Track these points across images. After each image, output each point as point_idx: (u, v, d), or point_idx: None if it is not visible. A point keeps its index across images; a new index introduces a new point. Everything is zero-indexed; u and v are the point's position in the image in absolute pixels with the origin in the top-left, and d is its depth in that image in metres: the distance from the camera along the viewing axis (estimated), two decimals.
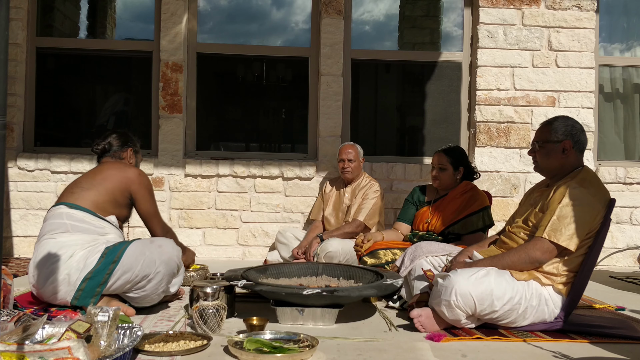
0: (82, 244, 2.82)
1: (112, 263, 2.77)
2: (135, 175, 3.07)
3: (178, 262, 2.95)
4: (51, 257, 2.77)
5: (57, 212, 2.93)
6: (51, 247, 2.81)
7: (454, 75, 5.27)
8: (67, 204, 2.94)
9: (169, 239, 2.99)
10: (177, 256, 2.94)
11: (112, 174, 3.06)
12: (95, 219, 2.93)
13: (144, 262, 2.79)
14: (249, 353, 2.21)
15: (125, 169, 3.09)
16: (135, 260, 2.78)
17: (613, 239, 5.07)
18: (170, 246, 2.93)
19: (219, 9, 5.45)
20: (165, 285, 2.90)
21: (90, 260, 2.77)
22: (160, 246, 2.88)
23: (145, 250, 2.82)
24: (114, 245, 2.83)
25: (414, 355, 2.37)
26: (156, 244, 2.89)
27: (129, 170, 3.09)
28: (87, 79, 5.46)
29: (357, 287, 2.94)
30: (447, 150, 3.83)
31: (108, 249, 2.81)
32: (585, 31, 5.06)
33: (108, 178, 3.04)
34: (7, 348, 1.86)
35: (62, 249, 2.80)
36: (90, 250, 2.81)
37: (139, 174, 3.09)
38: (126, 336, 2.21)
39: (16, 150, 4.87)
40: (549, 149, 2.80)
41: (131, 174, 3.07)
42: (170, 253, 2.89)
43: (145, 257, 2.80)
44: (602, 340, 2.59)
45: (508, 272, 2.69)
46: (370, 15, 5.55)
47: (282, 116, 5.75)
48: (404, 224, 3.91)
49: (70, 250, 2.79)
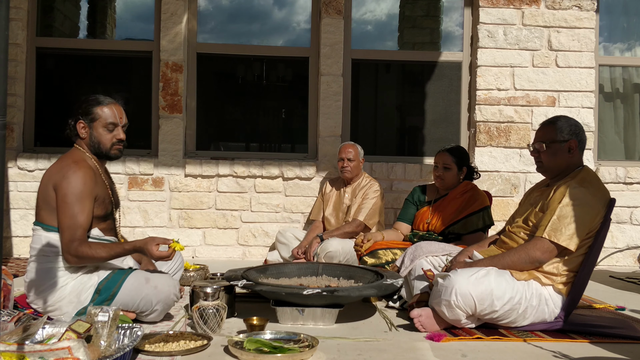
0: (70, 271, 2.62)
1: (107, 300, 2.60)
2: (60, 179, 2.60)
3: (176, 298, 2.74)
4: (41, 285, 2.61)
5: (36, 234, 2.67)
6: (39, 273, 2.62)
7: (454, 75, 5.27)
8: (40, 224, 2.66)
9: (164, 276, 2.74)
10: (175, 293, 2.72)
11: (46, 180, 2.66)
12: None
13: (141, 302, 2.63)
14: (249, 353, 2.21)
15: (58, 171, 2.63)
16: (132, 300, 2.62)
17: (613, 238, 5.07)
18: (167, 285, 2.68)
19: (220, 9, 5.45)
20: (164, 314, 2.76)
21: (83, 297, 2.60)
22: (156, 287, 2.64)
23: (141, 291, 2.63)
24: (108, 280, 2.63)
25: (414, 355, 2.37)
26: (152, 284, 2.64)
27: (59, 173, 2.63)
28: (87, 79, 5.46)
29: (357, 287, 2.94)
30: (452, 150, 3.82)
31: (102, 285, 2.62)
32: (585, 31, 5.06)
33: (45, 187, 2.65)
34: (7, 348, 1.86)
35: (50, 276, 2.60)
36: (82, 281, 2.62)
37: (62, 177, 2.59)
38: (126, 336, 2.21)
39: (16, 150, 4.88)
40: (556, 149, 2.79)
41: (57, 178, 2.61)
42: (167, 292, 2.67)
43: (141, 297, 2.63)
44: (602, 340, 2.59)
45: (508, 272, 2.69)
46: (370, 15, 5.55)
47: (282, 116, 5.75)
48: (404, 224, 3.90)
49: (60, 279, 2.60)
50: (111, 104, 2.77)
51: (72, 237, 2.55)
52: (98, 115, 2.73)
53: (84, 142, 2.76)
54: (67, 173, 2.59)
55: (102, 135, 2.74)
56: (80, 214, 2.58)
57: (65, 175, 2.59)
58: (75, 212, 2.57)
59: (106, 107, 2.74)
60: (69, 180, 2.58)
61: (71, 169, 2.60)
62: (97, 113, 2.73)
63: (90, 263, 2.62)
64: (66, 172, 2.59)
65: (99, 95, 2.80)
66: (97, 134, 2.74)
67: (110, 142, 2.75)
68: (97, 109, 2.73)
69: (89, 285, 2.62)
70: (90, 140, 2.74)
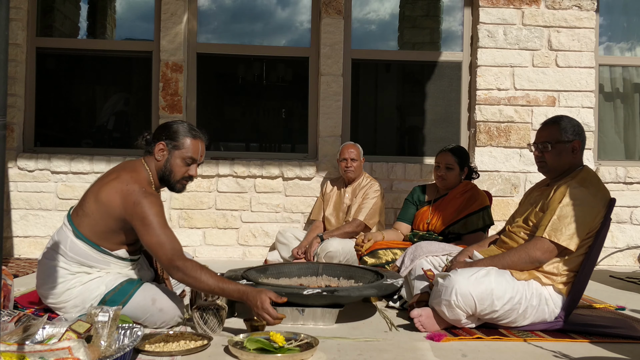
0: (80, 278, 2.58)
1: None
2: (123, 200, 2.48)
3: (180, 318, 2.67)
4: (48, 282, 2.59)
5: (64, 232, 2.59)
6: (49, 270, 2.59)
7: (454, 75, 5.27)
8: (74, 228, 2.56)
9: (170, 297, 2.63)
10: (179, 315, 2.65)
11: (107, 194, 2.53)
12: (100, 254, 2.57)
13: (145, 320, 2.59)
14: (249, 353, 2.21)
15: (123, 193, 2.50)
16: (136, 317, 2.56)
17: (613, 238, 5.07)
18: (172, 308, 2.60)
19: (220, 9, 5.45)
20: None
21: (88, 304, 2.52)
22: (162, 310, 2.58)
23: (147, 310, 2.57)
24: (115, 292, 2.56)
25: (414, 355, 2.37)
26: (157, 306, 2.57)
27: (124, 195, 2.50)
28: (87, 79, 5.46)
29: (358, 287, 2.95)
30: (454, 150, 3.83)
31: (109, 295, 2.55)
32: (585, 31, 5.06)
33: (108, 205, 2.52)
34: (7, 348, 1.86)
35: (60, 276, 2.56)
36: (90, 288, 2.57)
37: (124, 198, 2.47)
38: (126, 336, 2.21)
39: (16, 151, 4.87)
40: (560, 149, 2.79)
41: (118, 198, 2.49)
42: (172, 315, 2.61)
43: (145, 317, 2.58)
44: (603, 340, 2.59)
45: (508, 271, 2.69)
46: (370, 15, 5.55)
47: (282, 116, 5.75)
48: (404, 224, 3.91)
49: (69, 282, 2.56)
50: (199, 138, 2.68)
51: (177, 252, 2.46)
52: (183, 145, 2.63)
53: (154, 163, 2.65)
54: (140, 199, 2.46)
55: (178, 166, 2.64)
56: (170, 232, 2.49)
57: (138, 201, 2.46)
58: (167, 231, 2.47)
59: (194, 140, 2.65)
60: (146, 205, 2.45)
61: (142, 195, 2.47)
62: (183, 143, 2.63)
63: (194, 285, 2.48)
64: (139, 198, 2.46)
65: (190, 124, 2.71)
66: (173, 163, 2.64)
67: (181, 175, 2.67)
68: (184, 139, 2.63)
69: (95, 294, 2.57)
70: (163, 166, 2.64)
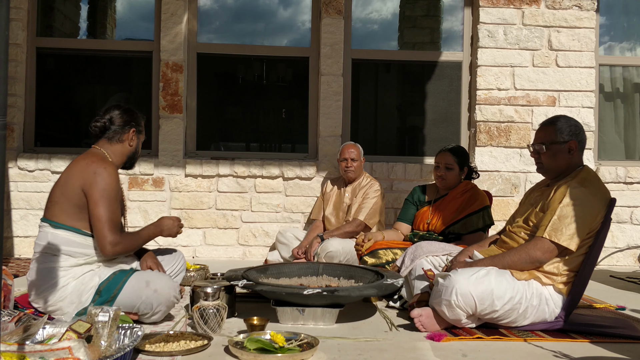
0: (73, 270, 2.63)
1: (107, 302, 2.61)
2: (90, 175, 2.61)
3: (176, 300, 2.74)
4: (42, 284, 2.62)
5: (43, 231, 2.66)
6: (42, 272, 2.63)
7: (454, 75, 5.27)
8: (49, 221, 2.65)
9: (164, 278, 2.73)
10: (175, 295, 2.72)
11: (67, 174, 2.67)
12: (81, 237, 2.65)
13: (141, 304, 2.64)
14: (250, 353, 2.21)
15: (86, 168, 2.64)
16: (132, 302, 2.62)
17: (613, 238, 5.07)
18: (167, 288, 2.68)
19: (220, 9, 5.45)
20: (164, 315, 2.76)
21: (84, 297, 2.61)
22: (156, 290, 2.64)
23: (142, 294, 2.63)
24: (109, 281, 2.64)
25: (414, 355, 2.37)
26: (152, 287, 2.64)
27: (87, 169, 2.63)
28: (87, 79, 5.46)
29: (358, 287, 2.94)
30: (454, 150, 3.83)
31: (102, 285, 2.63)
32: (586, 31, 5.06)
33: (68, 183, 2.64)
34: (7, 348, 1.86)
35: (52, 275, 2.60)
36: (84, 281, 2.63)
37: (94, 173, 2.62)
38: (127, 336, 2.21)
39: (16, 151, 4.88)
40: (556, 150, 2.79)
41: (78, 172, 2.64)
42: (167, 295, 2.67)
43: (141, 300, 2.63)
44: (603, 340, 2.59)
45: (508, 271, 2.69)
46: (371, 15, 5.54)
47: (282, 116, 5.75)
48: (404, 224, 3.91)
49: (62, 279, 2.60)
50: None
51: (115, 227, 2.63)
52: (144, 129, 2.95)
53: (118, 148, 2.83)
54: (99, 169, 2.62)
55: (139, 146, 2.94)
56: (116, 208, 2.67)
57: (98, 171, 2.62)
58: (114, 207, 2.64)
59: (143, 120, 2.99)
60: (103, 177, 2.62)
61: (102, 166, 2.64)
62: (143, 126, 2.94)
63: (128, 249, 2.72)
64: (97, 169, 2.63)
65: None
66: (139, 146, 2.93)
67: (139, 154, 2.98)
68: (142, 122, 2.94)
69: (90, 286, 2.63)
70: (134, 149, 2.88)
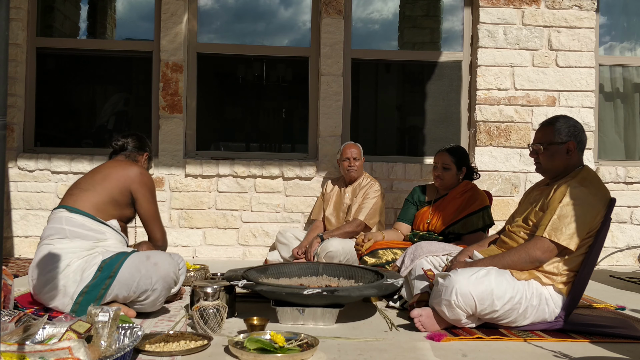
0: (79, 252, 2.75)
1: (109, 278, 2.69)
2: (136, 174, 2.98)
3: (175, 277, 2.87)
4: (48, 265, 2.71)
5: (57, 216, 2.85)
6: (48, 254, 2.73)
7: (454, 75, 5.27)
8: (67, 207, 2.86)
9: (164, 254, 2.88)
10: (174, 272, 2.85)
11: (112, 172, 2.98)
12: (95, 223, 2.85)
13: (141, 279, 2.72)
14: (250, 353, 2.21)
15: (127, 167, 3.01)
16: (132, 277, 2.71)
17: (613, 238, 5.07)
18: (167, 263, 2.81)
19: (220, 9, 5.45)
20: (163, 299, 2.84)
21: (87, 273, 2.70)
22: (156, 264, 2.76)
23: (141, 267, 2.73)
24: (111, 258, 2.75)
25: (414, 355, 2.37)
26: (152, 261, 2.77)
27: (130, 169, 3.00)
28: (87, 79, 5.46)
29: (358, 287, 2.94)
30: (451, 150, 3.83)
31: (105, 262, 2.73)
32: (586, 31, 5.06)
33: (108, 177, 2.95)
34: (7, 348, 1.86)
35: (59, 256, 2.71)
36: (88, 260, 2.74)
37: (140, 173, 3.00)
38: (127, 336, 2.21)
39: (16, 151, 4.87)
40: (553, 151, 2.79)
41: (132, 172, 2.98)
42: (166, 270, 2.79)
43: (141, 274, 2.72)
44: (603, 340, 2.59)
45: (508, 271, 2.69)
46: (371, 15, 5.55)
47: (282, 116, 5.75)
48: (404, 224, 3.91)
49: (67, 258, 2.72)
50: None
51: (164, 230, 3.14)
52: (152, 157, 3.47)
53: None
54: (144, 172, 3.05)
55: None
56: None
57: (143, 172, 3.03)
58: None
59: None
60: (150, 179, 3.06)
61: (145, 171, 3.07)
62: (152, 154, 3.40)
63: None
64: (143, 171, 3.05)
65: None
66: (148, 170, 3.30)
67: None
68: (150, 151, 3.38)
69: (92, 263, 2.74)
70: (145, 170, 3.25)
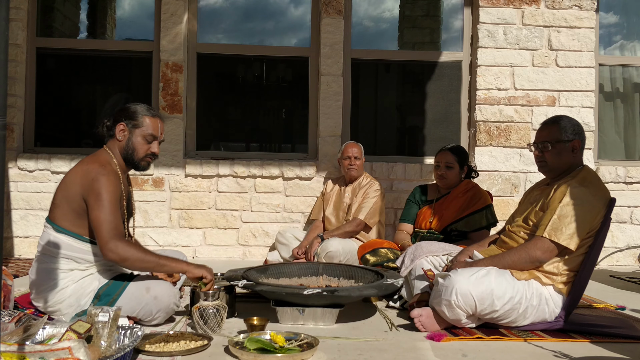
0: (73, 276, 2.60)
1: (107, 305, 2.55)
2: (89, 181, 2.56)
3: (176, 305, 2.73)
4: (43, 283, 2.61)
5: (46, 232, 2.64)
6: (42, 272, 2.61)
7: (454, 75, 5.27)
8: (52, 224, 2.62)
9: (164, 284, 2.69)
10: (175, 300, 2.70)
11: (69, 178, 2.63)
12: (82, 244, 2.61)
13: (140, 311, 2.62)
14: (250, 353, 2.21)
15: (86, 175, 2.59)
16: (131, 309, 2.60)
17: (613, 238, 5.06)
18: (167, 295, 2.65)
19: (221, 9, 5.45)
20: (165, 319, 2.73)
21: (83, 301, 2.59)
22: (156, 297, 2.62)
23: (142, 300, 2.61)
24: (108, 286, 2.62)
25: (414, 355, 2.37)
26: (151, 294, 2.61)
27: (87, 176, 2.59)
28: (87, 79, 5.46)
29: (358, 287, 2.94)
30: (454, 149, 3.85)
31: (102, 290, 2.61)
32: (585, 30, 5.06)
33: (68, 188, 2.61)
34: (7, 348, 1.86)
35: (52, 277, 2.58)
36: (83, 285, 2.61)
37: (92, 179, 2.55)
38: (127, 336, 2.21)
39: (16, 151, 4.87)
40: (560, 149, 2.79)
41: (78, 178, 2.59)
42: (167, 302, 2.66)
43: (141, 307, 2.61)
44: (603, 340, 2.59)
45: (508, 271, 2.69)
46: (370, 15, 5.55)
47: (282, 116, 5.75)
48: (408, 224, 3.92)
49: (62, 281, 2.58)
50: (157, 117, 2.79)
51: (115, 232, 2.52)
52: (142, 123, 2.73)
53: (116, 145, 2.74)
54: (98, 175, 2.55)
55: (140, 143, 2.73)
56: (117, 213, 2.57)
57: (96, 177, 2.55)
58: (113, 211, 2.54)
59: (152, 118, 2.76)
60: (102, 182, 2.55)
61: (100, 172, 2.57)
62: (142, 121, 2.73)
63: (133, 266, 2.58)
64: (96, 175, 2.56)
65: (146, 104, 2.83)
66: (135, 141, 2.73)
67: (144, 152, 2.75)
68: (143, 118, 2.73)
69: (89, 290, 2.61)
70: (125, 145, 2.73)
